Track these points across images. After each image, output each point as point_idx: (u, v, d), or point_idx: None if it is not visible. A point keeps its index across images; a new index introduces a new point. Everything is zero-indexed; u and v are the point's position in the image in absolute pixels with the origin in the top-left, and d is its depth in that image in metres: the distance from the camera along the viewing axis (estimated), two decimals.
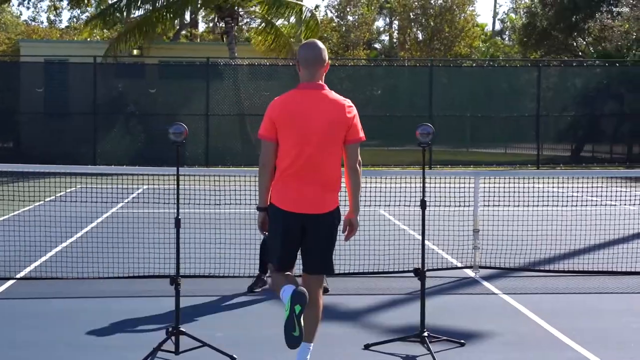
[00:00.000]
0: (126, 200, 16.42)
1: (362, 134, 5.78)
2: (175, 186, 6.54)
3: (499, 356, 6.58)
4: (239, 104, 27.07)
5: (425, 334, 6.64)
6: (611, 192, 15.51)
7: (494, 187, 11.95)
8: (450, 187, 13.97)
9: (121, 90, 27.19)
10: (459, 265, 10.18)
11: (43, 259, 10.37)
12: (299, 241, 5.65)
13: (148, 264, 9.72)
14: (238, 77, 27.31)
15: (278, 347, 6.64)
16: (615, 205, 14.67)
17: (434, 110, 27.22)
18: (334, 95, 5.75)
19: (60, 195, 16.17)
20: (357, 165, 5.74)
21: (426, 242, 10.40)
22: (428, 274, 9.61)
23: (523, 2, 50.67)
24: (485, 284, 9.28)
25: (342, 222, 5.78)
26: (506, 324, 7.55)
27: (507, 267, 10.03)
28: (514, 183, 12.81)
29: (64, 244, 11.39)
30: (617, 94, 29.25)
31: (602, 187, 15.59)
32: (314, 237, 5.63)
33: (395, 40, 53.00)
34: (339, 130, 5.65)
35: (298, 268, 5.83)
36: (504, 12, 69.81)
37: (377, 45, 54.85)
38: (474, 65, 35.57)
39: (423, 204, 6.83)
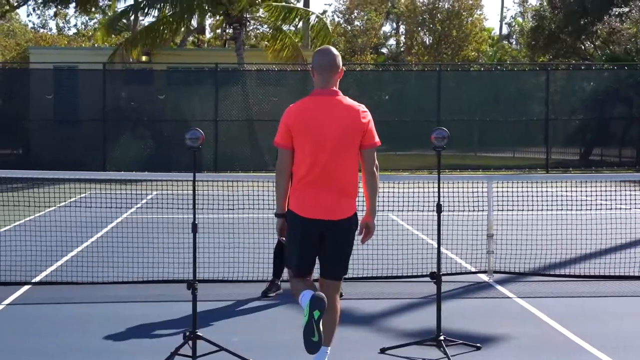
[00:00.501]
0: (138, 206, 16.48)
1: (377, 139, 5.81)
2: (192, 192, 6.56)
3: (517, 359, 6.58)
4: (247, 110, 27.11)
5: (442, 337, 6.66)
6: (622, 195, 15.49)
7: (505, 191, 11.95)
8: (461, 192, 13.98)
9: (130, 96, 27.24)
10: (473, 270, 10.18)
11: (58, 263, 10.42)
12: (318, 247, 5.68)
13: (161, 269, 9.76)
14: (246, 82, 27.35)
15: (293, 351, 6.70)
16: (628, 209, 14.65)
17: (442, 115, 27.22)
18: (348, 100, 5.77)
19: (73, 201, 16.27)
20: (375, 169, 5.76)
21: (445, 250, 10.38)
22: (442, 278, 9.71)
23: (531, 5, 50.73)
24: (500, 288, 9.29)
25: (359, 226, 5.81)
26: (521, 327, 7.55)
27: (521, 272, 10.02)
28: (526, 187, 12.82)
29: (79, 249, 11.45)
30: (625, 97, 29.20)
31: (613, 190, 15.58)
32: (332, 243, 5.66)
33: (402, 45, 53.05)
34: (354, 135, 5.67)
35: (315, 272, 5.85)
36: (511, 16, 69.96)
37: (384, 50, 54.88)
38: (482, 69, 35.58)
39: (439, 208, 6.85)
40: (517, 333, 7.33)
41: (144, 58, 30.97)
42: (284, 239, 5.82)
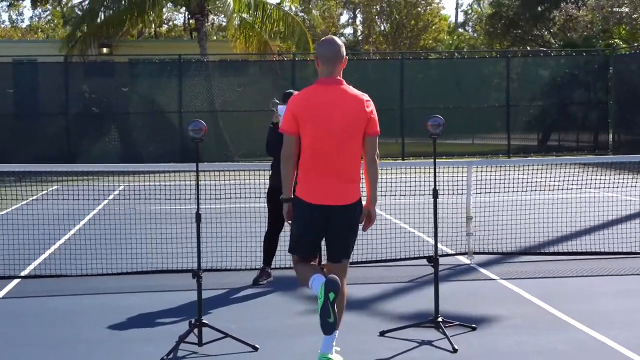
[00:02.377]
0: (110, 197, 16.49)
1: (378, 128, 5.97)
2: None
3: (513, 338, 6.80)
4: (211, 101, 27.12)
5: (440, 319, 6.85)
6: (587, 178, 15.83)
7: (476, 176, 12.18)
8: (426, 178, 14.18)
9: (93, 89, 27.05)
10: (451, 252, 10.40)
11: (43, 256, 10.45)
12: (324, 232, 5.84)
13: (147, 260, 9.85)
14: (210, 74, 27.35)
15: (294, 335, 6.90)
16: (595, 189, 15.00)
17: (405, 104, 27.48)
18: (352, 90, 5.92)
19: (44, 194, 16.22)
20: (376, 157, 5.92)
21: (416, 231, 10.63)
22: (421, 262, 9.96)
23: None
24: (482, 270, 9.53)
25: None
26: (510, 308, 7.78)
27: (501, 252, 10.30)
28: (489, 171, 13.00)
29: (61, 242, 11.49)
30: (584, 82, 29.71)
31: (579, 173, 15.93)
32: (339, 228, 5.82)
33: (360, 34, 53.26)
34: (359, 123, 5.83)
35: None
36: (468, 3, 70.42)
37: (342, 39, 55.00)
38: (444, 57, 35.90)
39: (435, 193, 7.03)
40: (508, 313, 7.55)
41: (104, 50, 30.75)
42: (290, 222, 5.97)
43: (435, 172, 7.15)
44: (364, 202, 5.97)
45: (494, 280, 9.04)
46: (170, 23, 50.10)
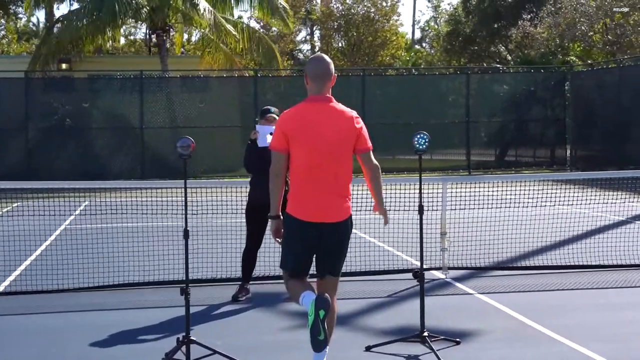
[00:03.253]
0: (77, 213, 16.36)
1: (370, 143, 6.03)
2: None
3: (498, 352, 6.88)
4: (173, 117, 27.04)
5: (426, 333, 6.91)
6: (547, 194, 16.06)
7: (439, 192, 12.29)
8: (398, 193, 14.26)
9: (53, 105, 26.81)
10: (425, 267, 10.44)
11: (16, 273, 10.34)
12: (316, 249, 5.86)
13: (121, 275, 9.80)
14: (172, 89, 27.28)
15: (279, 351, 6.92)
16: (566, 206, 15.20)
17: (366, 120, 27.57)
18: (341, 106, 5.99)
19: (6, 212, 16.01)
20: (377, 168, 6.03)
21: (388, 247, 10.70)
22: (397, 276, 10.03)
23: (445, 10, 51.68)
24: (458, 284, 9.62)
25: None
26: (491, 322, 7.86)
27: (475, 267, 10.41)
28: (456, 187, 13.16)
29: (31, 258, 11.37)
30: (541, 99, 30.15)
31: (535, 189, 16.12)
32: (331, 244, 5.85)
33: (317, 50, 53.40)
34: (349, 139, 5.89)
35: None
36: (425, 20, 71.01)
37: (300, 56, 55.15)
38: (405, 73, 36.17)
39: (421, 209, 7.11)
40: (490, 327, 7.63)
41: (63, 66, 30.51)
42: (279, 240, 5.98)
43: (420, 188, 7.21)
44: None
45: (472, 294, 9.13)
46: (130, 38, 49.80)
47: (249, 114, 26.99)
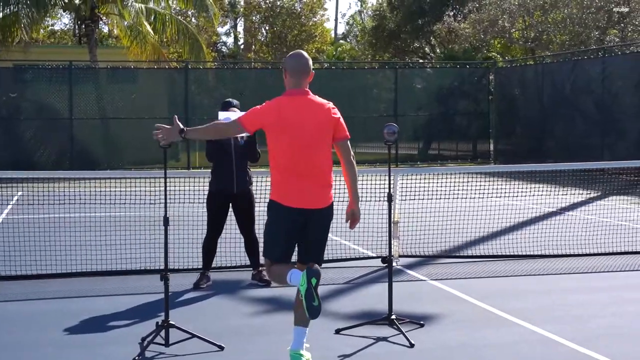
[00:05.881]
0: (13, 203, 16.24)
1: (347, 132, 6.30)
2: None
3: (462, 333, 7.22)
4: (102, 108, 26.85)
5: (393, 316, 7.22)
6: (476, 186, 16.61)
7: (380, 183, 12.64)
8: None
9: None
10: (373, 255, 10.80)
11: None
12: (300, 234, 6.10)
13: (74, 264, 9.87)
14: (101, 80, 27.09)
15: (256, 334, 7.12)
16: (497, 197, 15.74)
17: None
18: (318, 99, 6.27)
19: None
20: (352, 159, 6.26)
21: (336, 238, 10.95)
22: (349, 264, 10.34)
23: (370, 4, 52.21)
24: (409, 271, 9.97)
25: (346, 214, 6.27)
26: (448, 306, 8.21)
27: (423, 255, 10.79)
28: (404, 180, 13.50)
29: None
30: (466, 94, 30.85)
31: (460, 181, 16.65)
32: (315, 230, 6.09)
33: (241, 43, 53.40)
34: (328, 129, 6.16)
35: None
36: (350, 15, 71.48)
37: (224, 49, 55.00)
38: (333, 67, 36.51)
39: (390, 198, 7.41)
40: (448, 311, 7.97)
41: None
42: (160, 135, 6.44)
43: (389, 179, 7.52)
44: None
45: (425, 281, 9.48)
46: (50, 28, 48.95)
47: (179, 106, 27.00)
